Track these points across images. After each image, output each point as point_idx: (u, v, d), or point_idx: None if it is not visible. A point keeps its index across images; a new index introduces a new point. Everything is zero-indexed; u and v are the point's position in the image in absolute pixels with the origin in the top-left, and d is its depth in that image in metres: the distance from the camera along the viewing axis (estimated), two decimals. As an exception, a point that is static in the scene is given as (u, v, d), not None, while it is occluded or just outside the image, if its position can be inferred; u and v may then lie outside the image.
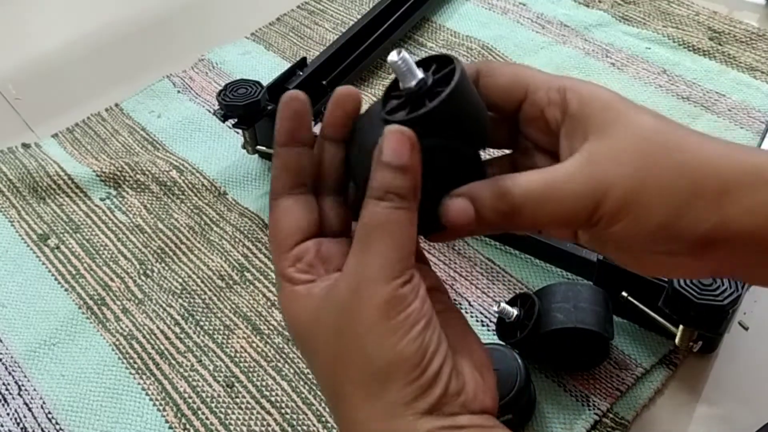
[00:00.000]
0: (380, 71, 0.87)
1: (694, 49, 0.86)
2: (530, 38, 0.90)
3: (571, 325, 0.50)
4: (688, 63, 0.84)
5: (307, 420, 0.55)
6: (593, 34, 0.90)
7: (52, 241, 0.70)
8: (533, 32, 0.91)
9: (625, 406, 0.53)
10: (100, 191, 0.75)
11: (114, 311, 0.63)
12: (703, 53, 0.85)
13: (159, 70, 0.91)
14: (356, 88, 0.38)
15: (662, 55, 0.85)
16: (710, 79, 0.81)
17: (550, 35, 0.90)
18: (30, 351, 0.61)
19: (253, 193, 0.73)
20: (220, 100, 0.68)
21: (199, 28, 1.01)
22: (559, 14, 0.94)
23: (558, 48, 0.88)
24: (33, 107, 0.89)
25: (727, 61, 0.84)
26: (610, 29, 0.90)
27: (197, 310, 0.63)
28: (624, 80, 0.82)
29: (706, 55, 0.85)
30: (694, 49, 0.86)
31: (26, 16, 1.06)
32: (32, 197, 0.75)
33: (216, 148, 0.79)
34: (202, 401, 0.56)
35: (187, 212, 0.72)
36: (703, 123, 0.76)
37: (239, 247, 0.68)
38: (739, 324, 0.59)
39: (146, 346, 0.60)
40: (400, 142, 0.28)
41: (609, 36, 0.89)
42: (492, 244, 0.66)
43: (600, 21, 0.92)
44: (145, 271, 0.66)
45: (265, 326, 0.61)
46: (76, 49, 0.97)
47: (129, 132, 0.83)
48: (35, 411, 0.57)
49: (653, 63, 0.84)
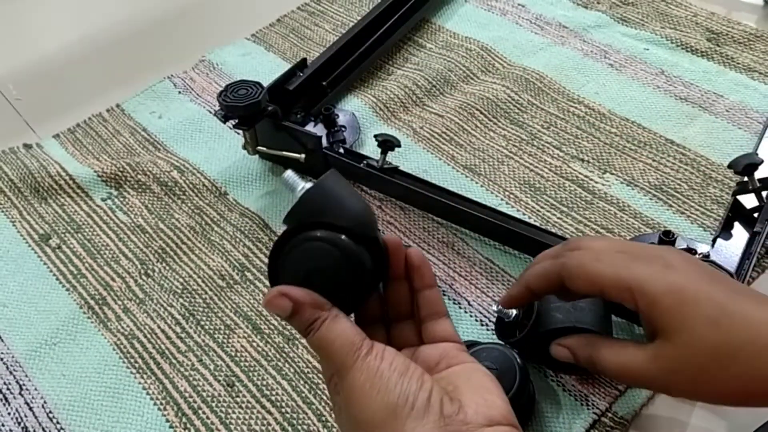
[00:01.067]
0: (380, 72, 0.88)
1: (692, 49, 0.86)
2: (529, 39, 0.90)
3: (570, 325, 0.51)
4: (686, 64, 0.84)
5: (308, 419, 0.55)
6: (592, 35, 0.90)
7: (54, 241, 0.70)
8: (532, 33, 0.91)
9: (624, 406, 0.54)
10: (102, 191, 0.75)
11: (115, 311, 0.64)
12: (701, 54, 0.85)
13: (160, 71, 0.91)
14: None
15: (660, 56, 0.86)
16: (708, 80, 0.82)
17: (549, 36, 0.91)
18: (31, 350, 0.61)
19: (253, 193, 0.74)
20: (220, 100, 0.68)
21: (199, 30, 1.01)
22: (557, 15, 0.94)
23: (557, 49, 0.88)
24: (34, 108, 0.89)
25: (725, 61, 0.84)
26: (608, 30, 0.91)
27: (198, 310, 0.63)
28: (622, 81, 0.83)
29: (704, 56, 0.85)
30: (692, 50, 0.86)
31: (28, 17, 1.06)
32: (34, 197, 0.75)
33: (217, 148, 0.80)
34: (202, 400, 0.57)
35: (188, 212, 0.72)
36: (701, 124, 0.76)
37: (240, 247, 0.68)
38: (737, 323, 0.59)
39: (147, 345, 0.61)
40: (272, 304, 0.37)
41: (607, 37, 0.90)
42: (491, 244, 0.66)
43: (598, 22, 0.92)
44: (146, 271, 0.67)
45: (265, 326, 0.61)
46: (78, 50, 0.98)
47: (130, 132, 0.83)
48: (36, 410, 0.57)
49: (651, 64, 0.85)
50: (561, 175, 0.72)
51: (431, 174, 0.74)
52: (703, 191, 0.69)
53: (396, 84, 0.84)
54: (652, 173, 0.71)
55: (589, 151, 0.74)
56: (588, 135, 0.76)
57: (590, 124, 0.78)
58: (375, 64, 0.88)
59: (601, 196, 0.70)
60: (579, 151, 0.75)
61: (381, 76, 0.87)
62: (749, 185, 0.62)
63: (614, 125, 0.77)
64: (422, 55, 0.90)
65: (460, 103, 0.81)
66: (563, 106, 0.80)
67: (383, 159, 0.69)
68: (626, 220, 0.67)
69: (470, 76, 0.86)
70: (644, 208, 0.68)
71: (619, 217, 0.67)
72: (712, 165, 0.72)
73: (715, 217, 0.67)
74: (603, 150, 0.74)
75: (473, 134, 0.78)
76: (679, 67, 0.84)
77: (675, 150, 0.74)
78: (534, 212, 0.69)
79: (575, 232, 0.66)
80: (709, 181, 0.70)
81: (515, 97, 0.82)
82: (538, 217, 0.68)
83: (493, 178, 0.73)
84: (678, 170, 0.71)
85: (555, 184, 0.71)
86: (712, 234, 0.64)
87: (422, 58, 0.89)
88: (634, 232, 0.66)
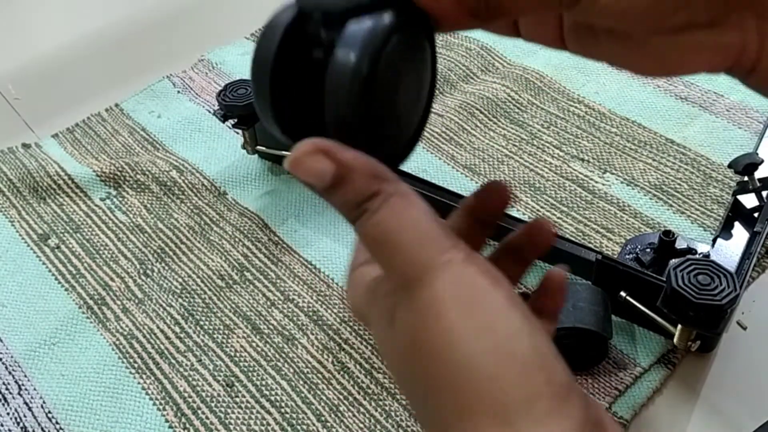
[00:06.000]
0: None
1: (692, 49, 0.86)
2: (529, 39, 0.90)
3: (570, 325, 0.50)
4: (686, 63, 0.84)
5: (307, 419, 0.55)
6: (592, 35, 0.90)
7: (53, 241, 0.70)
8: (532, 33, 0.91)
9: (624, 406, 0.54)
10: (101, 191, 0.75)
11: (114, 311, 0.63)
12: (701, 54, 0.85)
13: (159, 71, 0.91)
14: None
15: (661, 56, 0.86)
16: (708, 79, 0.81)
17: (549, 36, 0.90)
18: (30, 350, 0.61)
19: (253, 193, 0.74)
20: (219, 100, 0.68)
21: (198, 29, 1.01)
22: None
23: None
24: (33, 107, 0.89)
25: (726, 61, 0.84)
26: (608, 30, 0.90)
27: (197, 310, 0.63)
28: (622, 80, 0.83)
29: (704, 56, 0.85)
30: (692, 50, 0.86)
31: (26, 16, 1.06)
32: (32, 197, 0.75)
33: (216, 148, 0.79)
34: (201, 401, 0.57)
35: (187, 212, 0.72)
36: (701, 123, 0.76)
37: (239, 247, 0.68)
38: (738, 324, 0.59)
39: (146, 345, 0.60)
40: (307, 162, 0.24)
41: (608, 36, 0.89)
42: (491, 245, 0.66)
43: (599, 21, 0.92)
44: (145, 271, 0.67)
45: (264, 326, 0.61)
46: (76, 50, 0.97)
47: (129, 132, 0.83)
48: (35, 410, 0.57)
49: (652, 63, 0.85)
50: (561, 174, 0.72)
51: (431, 174, 0.73)
52: (704, 191, 0.69)
53: (395, 83, 0.84)
54: (652, 173, 0.71)
55: (589, 151, 0.74)
56: (588, 135, 0.76)
57: (590, 124, 0.78)
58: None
59: (601, 196, 0.69)
60: (579, 151, 0.74)
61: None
62: (749, 185, 0.62)
63: (614, 125, 0.77)
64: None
65: (459, 102, 0.81)
66: (563, 105, 0.80)
67: (383, 159, 0.68)
68: (626, 219, 0.67)
69: (470, 76, 0.86)
70: (644, 208, 0.68)
71: (619, 217, 0.67)
72: (712, 165, 0.71)
73: (715, 216, 0.66)
74: (603, 150, 0.74)
75: (473, 134, 0.78)
76: (679, 67, 0.84)
77: (675, 150, 0.73)
78: (534, 212, 0.68)
79: (575, 232, 0.66)
80: (709, 181, 0.70)
81: (515, 97, 0.82)
82: (537, 216, 0.68)
83: (493, 177, 0.72)
84: (678, 170, 0.71)
85: (555, 184, 0.71)
86: (712, 234, 0.64)
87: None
88: (634, 231, 0.66)
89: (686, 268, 0.49)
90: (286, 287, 0.64)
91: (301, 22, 0.24)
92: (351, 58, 0.22)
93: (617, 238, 0.65)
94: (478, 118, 0.79)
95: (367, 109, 0.23)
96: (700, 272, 0.49)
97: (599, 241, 0.65)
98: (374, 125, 0.23)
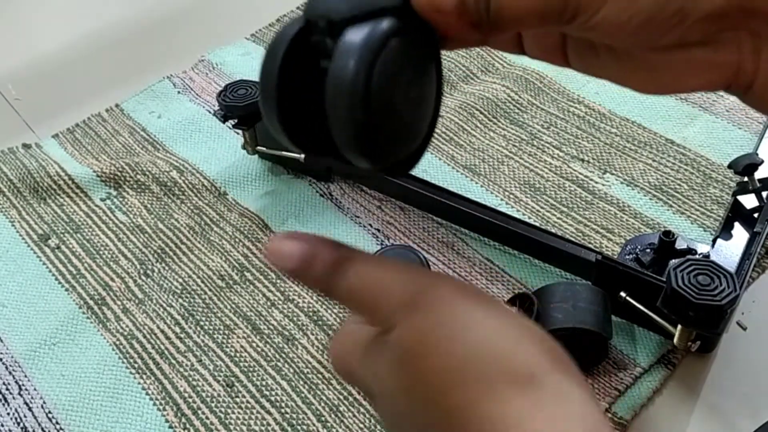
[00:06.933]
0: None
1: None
2: (529, 39, 0.90)
3: (570, 325, 0.51)
4: (686, 64, 0.84)
5: (307, 419, 0.55)
6: (592, 35, 0.90)
7: (53, 241, 0.70)
8: (532, 33, 0.91)
9: (624, 406, 0.54)
10: (101, 191, 0.75)
11: (114, 311, 0.63)
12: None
13: (159, 71, 0.91)
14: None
15: (661, 56, 0.86)
16: (709, 80, 0.81)
17: (549, 36, 0.90)
18: (30, 351, 0.61)
19: (253, 193, 0.74)
20: (220, 100, 0.68)
21: (199, 29, 1.01)
22: (558, 15, 0.94)
23: (557, 49, 0.88)
24: (33, 108, 0.89)
25: (726, 62, 0.84)
26: (608, 30, 0.91)
27: (197, 310, 0.63)
28: (623, 81, 0.83)
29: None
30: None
31: (27, 16, 1.06)
32: (33, 197, 0.75)
33: (216, 148, 0.79)
34: (202, 401, 0.57)
35: (187, 212, 0.72)
36: (701, 124, 0.76)
37: (239, 247, 0.68)
38: (738, 324, 0.59)
39: (146, 345, 0.61)
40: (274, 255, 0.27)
41: (608, 37, 0.89)
42: (491, 245, 0.66)
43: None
44: (146, 271, 0.67)
45: (264, 326, 0.61)
46: (77, 50, 0.97)
47: (129, 132, 0.83)
48: (35, 410, 0.57)
49: (652, 64, 0.85)
50: (561, 175, 0.72)
51: (431, 174, 0.73)
52: (703, 191, 0.69)
53: (396, 84, 0.84)
54: (652, 173, 0.71)
55: (589, 151, 0.74)
56: (588, 135, 0.76)
57: (590, 124, 0.78)
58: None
59: (601, 196, 0.69)
60: (579, 151, 0.74)
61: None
62: (749, 185, 0.62)
63: (614, 125, 0.77)
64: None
65: (459, 102, 0.81)
66: (563, 105, 0.80)
67: (383, 159, 0.68)
68: (626, 220, 0.67)
69: (470, 76, 0.86)
70: (644, 208, 0.68)
71: (619, 217, 0.67)
72: (712, 165, 0.71)
73: (715, 217, 0.67)
74: (603, 150, 0.74)
75: (473, 134, 0.78)
76: (679, 67, 0.84)
77: (675, 150, 0.73)
78: (534, 212, 0.69)
79: (575, 232, 0.66)
80: (709, 181, 0.70)
81: (515, 97, 0.82)
82: (537, 217, 0.68)
83: (493, 178, 0.72)
84: (678, 170, 0.71)
85: (555, 185, 0.71)
86: (712, 234, 0.64)
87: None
88: (634, 232, 0.66)
89: (686, 269, 0.49)
90: (286, 287, 0.64)
91: (307, 31, 0.24)
92: (346, 67, 0.22)
93: (617, 239, 0.65)
94: (478, 119, 0.79)
95: (368, 114, 0.23)
96: (700, 273, 0.49)
97: (599, 241, 0.65)
98: (378, 132, 0.24)
